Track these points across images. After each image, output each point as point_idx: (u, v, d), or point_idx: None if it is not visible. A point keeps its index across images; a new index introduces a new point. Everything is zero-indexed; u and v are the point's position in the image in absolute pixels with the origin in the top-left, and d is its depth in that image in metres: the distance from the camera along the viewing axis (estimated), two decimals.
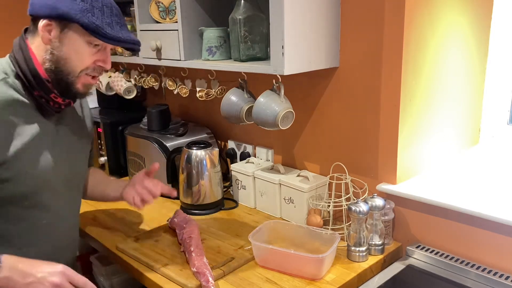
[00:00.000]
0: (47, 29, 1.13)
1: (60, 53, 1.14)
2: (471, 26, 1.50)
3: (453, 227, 1.32)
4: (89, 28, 1.11)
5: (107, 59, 1.20)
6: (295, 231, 1.42)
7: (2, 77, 1.14)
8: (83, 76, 1.18)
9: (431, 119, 1.46)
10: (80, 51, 1.15)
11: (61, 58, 1.15)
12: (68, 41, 1.14)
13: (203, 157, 1.65)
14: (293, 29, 1.30)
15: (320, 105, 1.57)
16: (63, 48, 1.14)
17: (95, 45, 1.16)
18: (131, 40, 1.19)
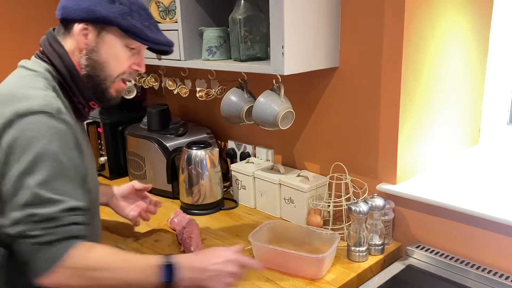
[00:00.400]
0: (84, 33, 1.09)
1: (98, 58, 1.11)
2: (471, 26, 1.50)
3: (453, 227, 1.32)
4: (129, 31, 1.09)
5: (142, 62, 1.18)
6: (295, 231, 1.41)
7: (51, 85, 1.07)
8: (117, 81, 1.15)
9: (431, 119, 1.46)
10: (118, 55, 1.12)
11: (98, 63, 1.11)
12: (105, 45, 1.10)
13: (203, 157, 1.65)
14: (293, 29, 1.30)
15: (320, 105, 1.57)
16: (100, 52, 1.10)
17: (131, 49, 1.13)
18: (168, 42, 1.17)
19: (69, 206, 0.96)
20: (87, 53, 1.10)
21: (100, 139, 2.06)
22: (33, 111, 0.97)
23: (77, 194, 1.00)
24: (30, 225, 0.93)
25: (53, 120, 0.98)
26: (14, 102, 0.98)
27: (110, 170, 2.07)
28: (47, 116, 0.97)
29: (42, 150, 0.95)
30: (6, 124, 0.96)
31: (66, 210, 0.96)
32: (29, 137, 0.95)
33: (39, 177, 0.94)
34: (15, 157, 0.95)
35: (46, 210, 0.94)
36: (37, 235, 0.93)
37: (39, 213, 0.94)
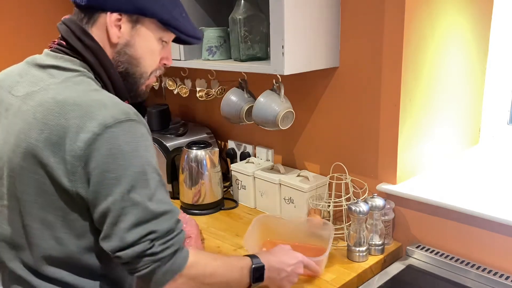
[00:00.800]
0: (117, 24, 0.95)
1: (133, 53, 0.99)
2: (471, 26, 1.50)
3: (453, 227, 1.32)
4: (171, 24, 0.99)
5: (170, 55, 1.07)
6: (287, 226, 1.43)
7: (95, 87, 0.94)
8: (150, 78, 1.05)
9: (431, 119, 1.46)
10: (153, 50, 1.01)
11: (134, 59, 0.99)
12: (141, 38, 0.98)
13: (203, 157, 1.65)
14: (293, 29, 1.29)
15: (320, 105, 1.57)
16: (136, 47, 0.98)
17: (163, 41, 1.02)
18: (201, 36, 1.08)
19: (178, 215, 0.92)
20: (122, 47, 0.98)
21: None
22: (120, 119, 0.86)
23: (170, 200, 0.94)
24: (151, 243, 0.86)
25: (140, 127, 0.90)
26: (90, 112, 0.85)
27: None
28: (135, 123, 0.89)
29: (142, 161, 0.87)
30: (93, 140, 0.84)
31: (177, 220, 0.91)
32: (125, 151, 0.85)
33: (146, 191, 0.86)
34: (114, 174, 0.84)
35: (164, 224, 0.88)
36: (160, 250, 0.87)
37: (158, 229, 0.87)
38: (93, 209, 0.88)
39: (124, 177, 0.85)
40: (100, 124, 0.84)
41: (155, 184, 0.88)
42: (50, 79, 0.92)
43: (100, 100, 0.88)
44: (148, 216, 0.86)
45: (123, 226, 0.85)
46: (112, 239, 0.86)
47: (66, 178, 0.86)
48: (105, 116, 0.85)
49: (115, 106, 0.88)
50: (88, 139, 0.83)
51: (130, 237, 0.85)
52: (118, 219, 0.85)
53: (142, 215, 0.86)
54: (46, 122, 0.86)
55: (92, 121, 0.84)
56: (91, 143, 0.83)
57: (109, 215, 0.85)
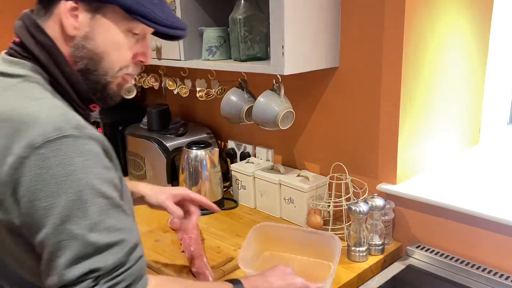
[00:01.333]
0: (73, 14, 0.83)
1: (94, 47, 0.85)
2: (471, 26, 1.50)
3: (453, 227, 1.32)
4: (135, 11, 0.84)
5: (147, 51, 0.93)
6: (289, 235, 1.35)
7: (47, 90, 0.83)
8: (121, 77, 0.91)
9: (431, 119, 1.46)
10: (119, 43, 0.87)
11: (95, 54, 0.86)
12: (102, 29, 0.85)
13: (203, 157, 1.65)
14: (293, 29, 1.29)
15: (320, 105, 1.57)
16: (96, 39, 0.85)
17: (134, 34, 0.89)
18: (182, 25, 0.92)
19: (132, 244, 0.78)
20: (80, 41, 0.85)
21: None
22: (50, 138, 0.73)
23: (131, 224, 0.81)
24: (95, 281, 0.73)
25: (82, 142, 0.75)
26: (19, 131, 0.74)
27: None
28: (73, 139, 0.74)
29: (79, 186, 0.73)
30: (19, 164, 0.72)
31: (129, 250, 0.77)
32: (57, 175, 0.72)
33: (86, 221, 0.73)
34: (44, 203, 0.72)
35: (110, 258, 0.74)
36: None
37: (102, 266, 0.73)
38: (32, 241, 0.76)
39: (56, 206, 0.72)
40: (27, 145, 0.72)
41: (100, 210, 0.75)
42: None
43: (33, 114, 0.75)
44: (89, 251, 0.73)
45: (61, 262, 0.72)
46: (51, 276, 0.74)
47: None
48: (33, 135, 0.73)
49: (49, 120, 0.74)
50: (13, 163, 0.72)
51: (69, 275, 0.72)
52: (55, 255, 0.73)
53: (82, 250, 0.72)
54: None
55: (20, 142, 0.73)
56: (17, 168, 0.72)
57: (45, 251, 0.74)
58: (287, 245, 1.34)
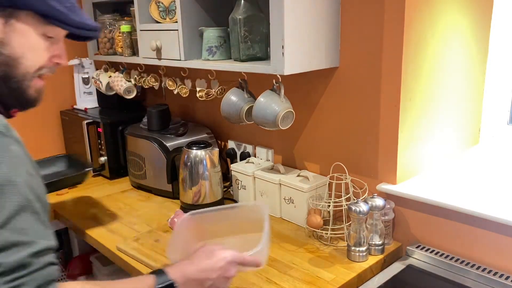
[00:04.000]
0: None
1: (10, 53, 0.87)
2: (471, 26, 1.50)
3: (453, 227, 1.32)
4: (49, 15, 0.87)
5: (63, 53, 0.96)
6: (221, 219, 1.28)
7: None
8: (34, 79, 0.92)
9: (431, 119, 1.46)
10: (35, 47, 0.89)
11: (12, 59, 0.87)
12: (17, 35, 0.87)
13: (203, 157, 1.65)
14: (293, 29, 1.30)
15: (320, 105, 1.57)
16: (12, 45, 0.87)
17: (48, 37, 0.91)
18: (96, 27, 0.96)
19: (40, 247, 0.77)
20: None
21: (100, 139, 2.06)
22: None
23: (47, 231, 0.80)
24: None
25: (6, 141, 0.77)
26: None
27: (110, 170, 2.07)
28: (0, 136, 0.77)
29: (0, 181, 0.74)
30: None
31: (37, 253, 0.76)
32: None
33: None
34: None
35: (12, 257, 0.73)
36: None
37: (2, 262, 0.73)
38: None
39: None
40: None
41: (15, 209, 0.74)
42: None
43: None
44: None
45: None
46: None
47: None
48: None
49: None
50: None
51: None
52: None
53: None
54: None
55: None
56: None
57: None
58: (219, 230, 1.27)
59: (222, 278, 0.99)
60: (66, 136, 2.35)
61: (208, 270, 0.98)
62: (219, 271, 0.98)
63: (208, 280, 0.98)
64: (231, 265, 1.00)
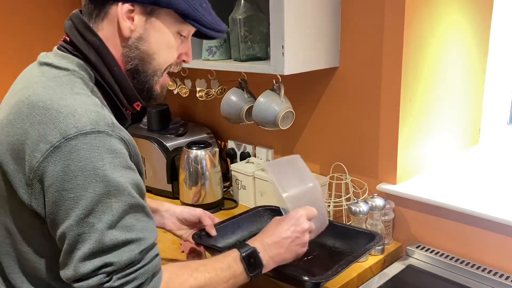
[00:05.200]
0: (129, 16, 0.87)
1: (147, 48, 0.89)
2: (471, 26, 1.50)
3: (453, 227, 1.32)
4: (190, 16, 0.89)
5: (189, 51, 0.97)
6: None
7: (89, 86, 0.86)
8: (164, 76, 0.95)
9: (431, 119, 1.46)
10: (169, 44, 0.91)
11: (147, 55, 0.90)
12: (156, 31, 0.89)
13: (203, 157, 1.65)
14: (293, 29, 1.29)
15: (320, 105, 1.57)
16: (150, 41, 0.89)
17: (181, 35, 0.93)
18: (224, 29, 0.97)
19: (148, 244, 0.81)
20: (134, 42, 0.89)
21: None
22: (85, 131, 0.75)
23: (151, 223, 0.84)
24: (108, 276, 0.76)
25: (112, 140, 0.78)
26: (55, 119, 0.76)
27: None
28: (105, 136, 0.77)
29: (106, 182, 0.75)
30: (51, 152, 0.74)
31: (145, 249, 0.80)
32: (85, 168, 0.74)
33: (108, 217, 0.76)
34: (71, 195, 0.74)
35: (125, 255, 0.76)
36: (118, 285, 0.76)
37: (116, 261, 0.76)
38: (52, 231, 0.79)
39: (82, 199, 0.74)
40: (60, 135, 0.74)
41: (122, 208, 0.77)
42: (38, 77, 0.84)
43: (72, 106, 0.77)
44: (106, 246, 0.75)
45: (78, 255, 0.75)
46: (67, 268, 0.77)
47: (23, 189, 0.78)
48: (68, 126, 0.75)
49: (85, 114, 0.77)
50: (46, 150, 0.74)
51: (84, 268, 0.75)
52: (74, 247, 0.75)
53: (100, 244, 0.75)
54: (14, 124, 0.79)
55: (54, 131, 0.75)
56: (48, 156, 0.74)
57: (66, 242, 0.76)
58: None
59: (298, 233, 1.02)
60: None
61: (282, 231, 1.01)
62: (292, 228, 1.02)
63: (286, 240, 1.01)
64: (300, 220, 1.03)
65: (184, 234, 1.29)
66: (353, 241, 1.21)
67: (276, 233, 1.02)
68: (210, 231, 1.25)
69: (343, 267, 1.05)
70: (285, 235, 1.01)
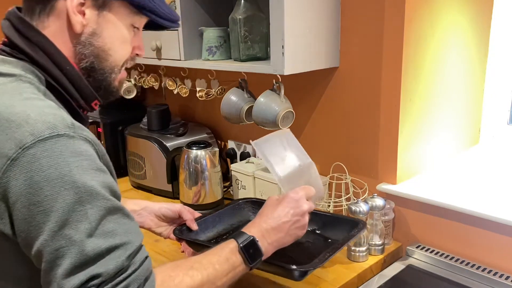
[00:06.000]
0: (80, 10, 0.81)
1: (101, 44, 0.84)
2: (471, 26, 1.50)
3: (453, 227, 1.32)
4: (145, 7, 0.85)
5: (142, 43, 0.93)
6: None
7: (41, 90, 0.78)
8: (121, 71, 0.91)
9: (431, 119, 1.46)
10: (123, 38, 0.87)
11: (102, 51, 0.85)
12: (109, 26, 0.84)
13: (203, 157, 1.65)
14: (293, 29, 1.29)
15: (320, 105, 1.57)
16: (104, 36, 0.84)
17: (134, 28, 0.89)
18: (178, 18, 0.94)
19: (136, 246, 0.74)
20: (87, 38, 0.83)
21: (100, 139, 2.06)
22: (42, 137, 0.68)
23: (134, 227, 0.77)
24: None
25: (76, 142, 0.72)
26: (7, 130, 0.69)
27: None
28: (66, 138, 0.70)
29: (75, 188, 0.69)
30: (9, 166, 0.67)
31: (134, 253, 0.74)
32: (50, 177, 0.67)
33: (85, 225, 0.69)
34: (40, 208, 0.67)
35: (111, 263, 0.70)
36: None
37: (102, 272, 0.69)
38: (27, 251, 0.71)
39: (53, 211, 0.67)
40: (16, 146, 0.67)
41: (99, 213, 0.71)
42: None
43: (24, 113, 0.70)
44: (89, 256, 0.68)
45: (60, 272, 0.68)
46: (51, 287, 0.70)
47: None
48: (23, 135, 0.68)
49: (40, 118, 0.70)
50: (3, 165, 0.67)
51: (68, 285, 0.67)
52: (54, 264, 0.68)
53: (81, 256, 0.68)
54: None
55: (8, 142, 0.68)
56: (7, 171, 0.67)
57: (44, 260, 0.69)
58: None
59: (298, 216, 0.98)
60: None
61: (282, 214, 0.97)
62: (292, 211, 0.97)
63: (285, 224, 0.96)
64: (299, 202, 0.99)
65: (164, 231, 1.25)
66: (337, 228, 1.22)
67: (275, 216, 0.97)
68: (191, 225, 1.23)
69: (329, 255, 1.05)
70: (285, 219, 0.97)
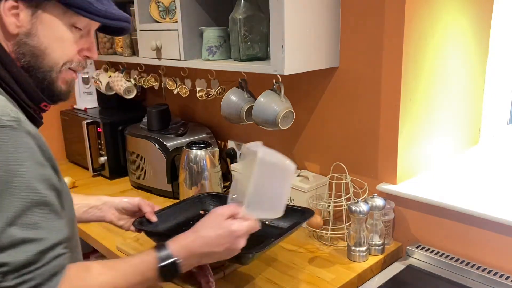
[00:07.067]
0: (13, 13, 0.84)
1: (37, 43, 0.86)
2: (471, 26, 1.50)
3: (453, 227, 1.32)
4: (74, 5, 0.86)
5: (92, 46, 0.94)
6: None
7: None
8: (64, 71, 0.92)
9: (431, 119, 1.46)
10: (62, 38, 0.89)
11: (38, 50, 0.87)
12: (44, 26, 0.86)
13: (203, 157, 1.65)
14: (293, 29, 1.29)
15: (320, 105, 1.57)
16: (39, 35, 0.86)
17: (77, 29, 0.90)
18: (125, 17, 0.94)
19: (49, 244, 0.77)
20: (22, 38, 0.86)
21: (100, 139, 2.06)
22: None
23: (59, 222, 0.80)
24: (2, 278, 0.73)
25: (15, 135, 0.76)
26: None
27: (110, 170, 2.07)
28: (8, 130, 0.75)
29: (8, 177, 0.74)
30: None
31: (45, 250, 0.76)
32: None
33: (8, 214, 0.73)
34: None
35: (21, 255, 0.73)
36: (14, 284, 0.73)
37: (10, 261, 0.73)
38: None
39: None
40: None
41: (25, 204, 0.74)
42: None
43: None
44: (2, 243, 0.72)
45: None
46: None
47: None
48: None
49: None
50: None
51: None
52: None
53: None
54: None
55: None
56: None
57: None
58: None
59: (229, 251, 0.96)
60: (66, 136, 2.35)
61: (214, 244, 0.94)
62: (227, 244, 0.95)
63: (214, 254, 0.95)
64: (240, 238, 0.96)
65: (125, 224, 1.28)
66: (288, 217, 1.28)
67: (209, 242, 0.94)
68: (150, 218, 1.27)
69: (274, 240, 1.13)
70: (217, 249, 0.95)
